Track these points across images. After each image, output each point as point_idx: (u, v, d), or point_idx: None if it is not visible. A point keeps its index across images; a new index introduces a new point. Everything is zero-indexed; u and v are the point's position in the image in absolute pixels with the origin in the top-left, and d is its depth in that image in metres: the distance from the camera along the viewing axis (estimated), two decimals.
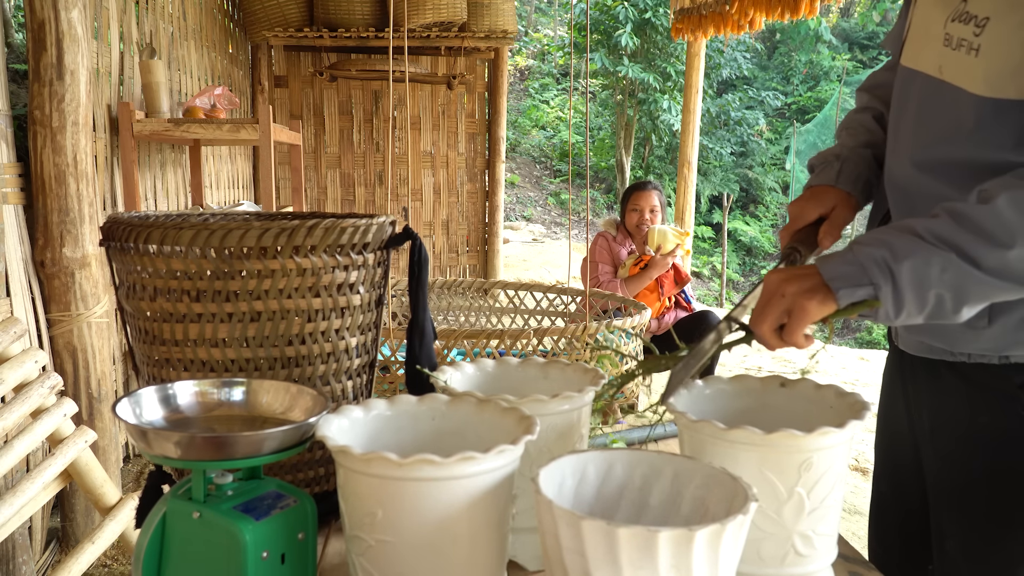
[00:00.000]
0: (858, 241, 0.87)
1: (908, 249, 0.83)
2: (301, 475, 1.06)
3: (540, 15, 18.64)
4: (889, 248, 0.84)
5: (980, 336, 0.96)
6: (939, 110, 0.97)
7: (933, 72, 0.97)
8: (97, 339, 2.34)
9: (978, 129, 0.90)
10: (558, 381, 1.05)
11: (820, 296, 0.85)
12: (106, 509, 2.07)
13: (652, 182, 3.79)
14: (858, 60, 17.44)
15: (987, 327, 0.95)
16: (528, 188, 13.51)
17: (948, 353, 1.02)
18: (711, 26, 4.70)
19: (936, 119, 0.97)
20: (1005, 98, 0.87)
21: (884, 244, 0.84)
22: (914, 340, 1.09)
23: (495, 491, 0.75)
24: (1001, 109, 0.88)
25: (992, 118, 0.89)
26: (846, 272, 0.85)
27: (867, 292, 0.84)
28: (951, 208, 0.84)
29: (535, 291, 3.58)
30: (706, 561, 0.62)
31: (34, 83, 2.17)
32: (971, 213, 0.82)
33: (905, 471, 1.19)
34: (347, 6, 4.57)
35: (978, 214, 0.81)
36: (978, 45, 0.88)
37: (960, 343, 0.99)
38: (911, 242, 0.83)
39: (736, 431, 0.81)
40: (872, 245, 0.85)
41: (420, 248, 1.08)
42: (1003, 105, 0.88)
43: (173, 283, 0.96)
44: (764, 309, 0.88)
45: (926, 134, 0.99)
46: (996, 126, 0.89)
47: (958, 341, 0.99)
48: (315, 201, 5.49)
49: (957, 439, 1.04)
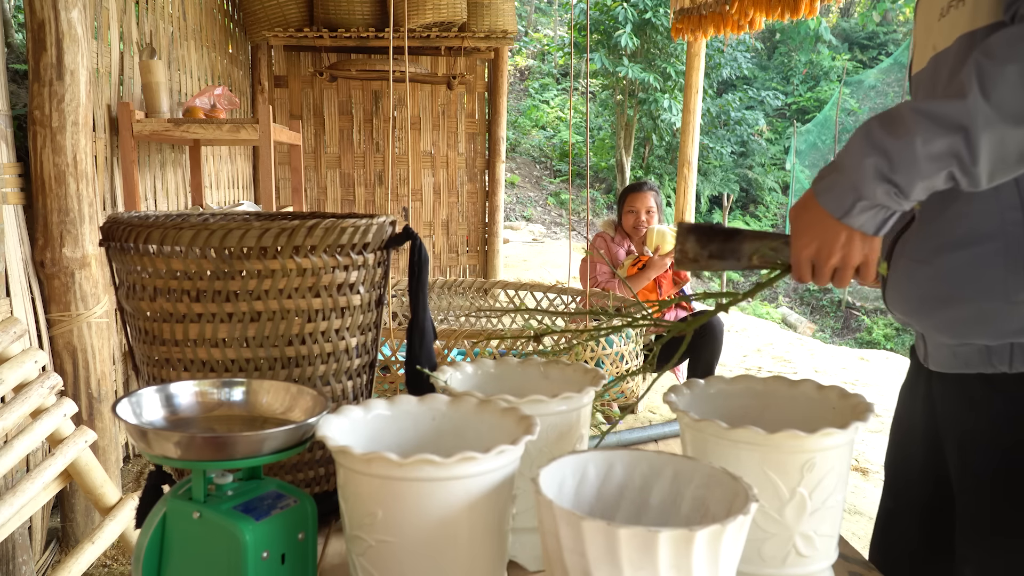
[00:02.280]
0: (837, 158, 0.90)
1: (896, 131, 0.84)
2: (301, 475, 1.06)
3: (540, 15, 18.63)
4: (873, 145, 0.85)
5: (1022, 311, 0.91)
6: (939, 81, 0.98)
7: (930, 55, 0.99)
8: (97, 339, 2.34)
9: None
10: (558, 381, 1.05)
11: (827, 223, 0.91)
12: (106, 509, 2.07)
13: (648, 182, 3.78)
14: (858, 60, 17.43)
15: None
16: (528, 188, 13.51)
17: (986, 363, 0.97)
18: (711, 26, 4.70)
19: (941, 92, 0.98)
20: (985, 25, 0.89)
21: (869, 143, 0.86)
22: (944, 356, 1.03)
23: (495, 491, 0.75)
24: (976, 39, 0.90)
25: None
26: (837, 191, 0.89)
27: (865, 205, 0.88)
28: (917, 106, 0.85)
29: (535, 291, 3.58)
30: (706, 561, 0.62)
31: (34, 83, 2.17)
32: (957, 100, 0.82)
33: (915, 489, 1.16)
34: (347, 6, 4.57)
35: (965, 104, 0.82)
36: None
37: (1005, 324, 0.93)
38: (893, 128, 0.85)
39: (739, 431, 0.81)
40: (854, 153, 0.87)
41: (420, 248, 1.07)
42: (980, 35, 0.90)
43: (173, 283, 0.96)
44: (818, 267, 0.94)
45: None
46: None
47: (1002, 324, 0.94)
48: (315, 201, 5.49)
49: (992, 460, 0.99)
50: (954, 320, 0.98)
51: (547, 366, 1.07)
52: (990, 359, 0.97)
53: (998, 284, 0.92)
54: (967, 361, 1.00)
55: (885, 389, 4.79)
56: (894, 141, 0.84)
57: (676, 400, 0.93)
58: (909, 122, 0.83)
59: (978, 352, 0.98)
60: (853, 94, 16.46)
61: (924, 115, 0.82)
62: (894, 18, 17.58)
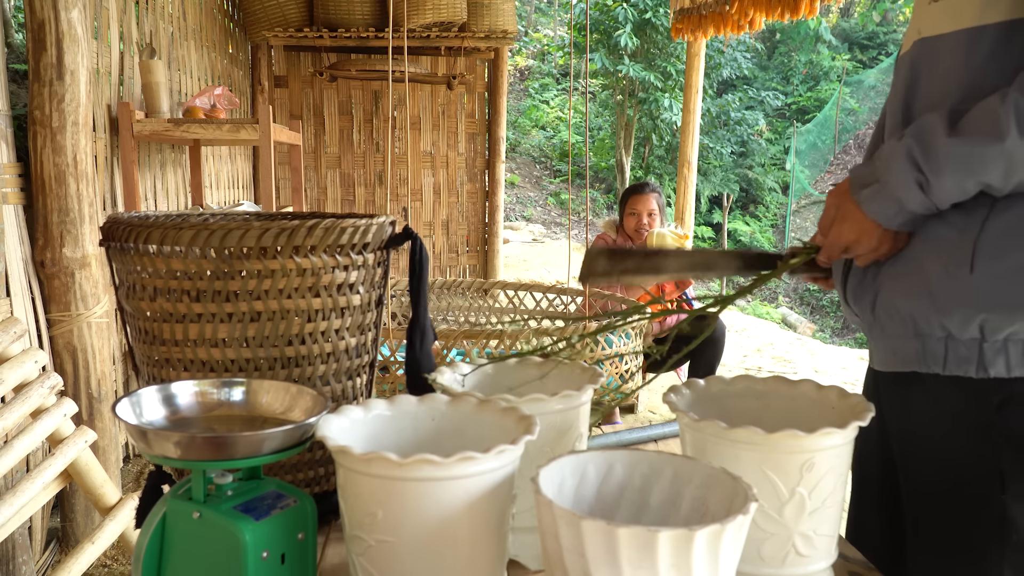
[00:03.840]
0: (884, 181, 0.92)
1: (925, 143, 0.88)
2: (301, 475, 1.06)
3: (540, 15, 18.64)
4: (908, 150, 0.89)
5: (958, 286, 0.89)
6: (920, 76, 0.98)
7: (914, 38, 1.00)
8: (97, 339, 2.34)
9: (968, 69, 0.91)
10: (555, 379, 1.05)
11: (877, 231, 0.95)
12: (106, 509, 2.07)
13: (650, 184, 3.76)
14: (858, 60, 17.44)
15: (968, 274, 0.88)
16: (528, 188, 13.51)
17: (921, 361, 0.96)
18: (711, 26, 4.70)
19: (915, 88, 0.99)
20: (995, 21, 0.88)
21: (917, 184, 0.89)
22: (884, 352, 1.03)
23: (495, 491, 0.75)
24: (985, 36, 0.89)
25: (983, 50, 0.90)
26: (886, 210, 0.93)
27: (895, 205, 0.92)
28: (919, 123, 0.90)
29: (535, 291, 3.58)
30: (706, 561, 0.62)
31: (34, 83, 2.17)
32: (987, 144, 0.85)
33: (874, 486, 1.17)
34: (347, 6, 4.57)
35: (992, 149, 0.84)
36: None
37: (938, 296, 0.91)
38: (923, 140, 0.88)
39: (738, 431, 0.81)
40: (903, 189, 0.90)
41: (420, 248, 1.07)
42: (988, 32, 0.89)
43: (173, 283, 0.96)
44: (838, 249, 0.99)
45: (904, 107, 1.00)
46: (989, 61, 0.89)
47: (935, 295, 0.92)
48: (315, 201, 5.49)
49: (933, 476, 0.99)
50: (899, 291, 0.97)
51: (544, 365, 1.07)
52: (924, 358, 0.96)
53: (943, 253, 0.92)
54: (905, 359, 0.99)
55: None
56: (931, 178, 0.88)
57: (676, 400, 0.93)
58: (942, 161, 0.87)
59: (915, 351, 0.97)
60: (853, 94, 16.46)
61: (960, 156, 0.86)
62: (894, 18, 17.59)
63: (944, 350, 0.93)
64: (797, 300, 12.58)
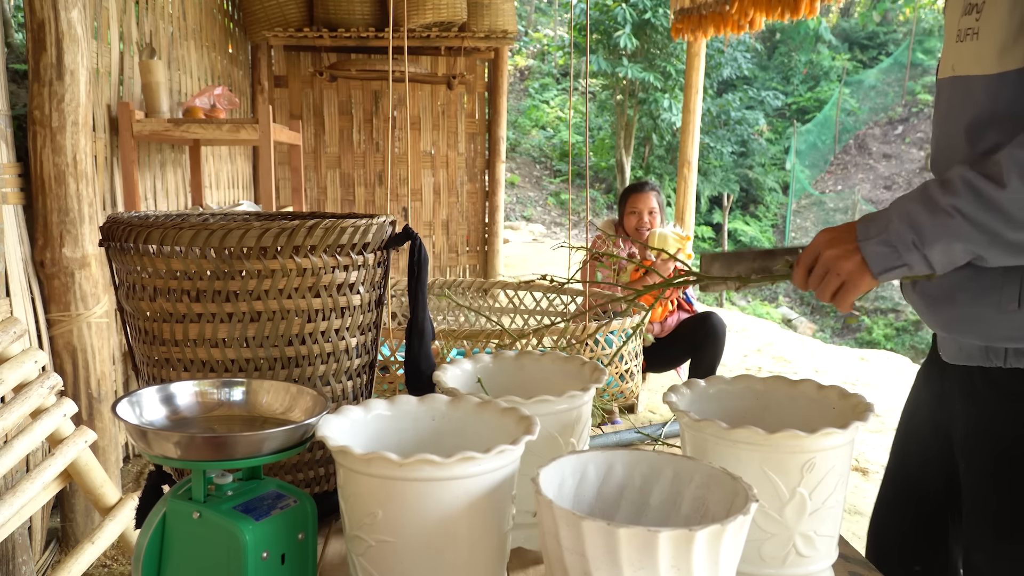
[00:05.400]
0: (889, 218, 0.93)
1: (936, 232, 0.90)
2: (301, 475, 1.06)
3: (540, 15, 18.64)
4: (917, 232, 0.91)
5: (1010, 320, 0.97)
6: (957, 107, 1.01)
7: (948, 73, 1.02)
8: (97, 339, 2.34)
9: (993, 113, 0.94)
10: (556, 375, 1.05)
11: (863, 273, 0.95)
12: (106, 509, 2.06)
13: (650, 183, 3.75)
14: (858, 60, 17.44)
15: (1017, 310, 0.97)
16: (528, 188, 13.51)
17: (984, 357, 1.03)
18: (711, 26, 4.70)
19: (956, 117, 1.01)
20: (1010, 70, 0.91)
21: (913, 227, 0.91)
22: (952, 348, 1.09)
23: (495, 491, 0.74)
24: (1006, 83, 0.92)
25: (1007, 95, 0.92)
26: (882, 253, 0.93)
27: (903, 271, 0.94)
28: (970, 183, 0.88)
29: (535, 291, 3.58)
30: (706, 561, 0.62)
31: (34, 83, 2.17)
32: (991, 195, 0.87)
33: (915, 479, 1.20)
34: (347, 6, 4.57)
35: (997, 197, 0.86)
36: (978, 29, 0.95)
37: (994, 329, 1.00)
38: (939, 223, 0.90)
39: (739, 431, 0.81)
40: (903, 224, 0.92)
41: (420, 248, 1.07)
42: (1008, 78, 0.92)
43: (173, 283, 0.96)
44: (816, 276, 0.98)
45: (945, 135, 1.04)
46: (1013, 102, 0.92)
47: (991, 329, 1.00)
48: (315, 201, 5.49)
49: (992, 455, 1.04)
50: (951, 320, 1.04)
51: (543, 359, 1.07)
52: (987, 355, 1.03)
53: (992, 293, 0.98)
54: (970, 354, 1.05)
55: (885, 389, 4.79)
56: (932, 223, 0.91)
57: (676, 400, 0.93)
58: (950, 225, 0.89)
59: (978, 348, 1.03)
60: (853, 94, 16.46)
61: (962, 220, 0.89)
62: (894, 18, 17.59)
63: (1004, 352, 1.02)
64: (797, 300, 12.58)
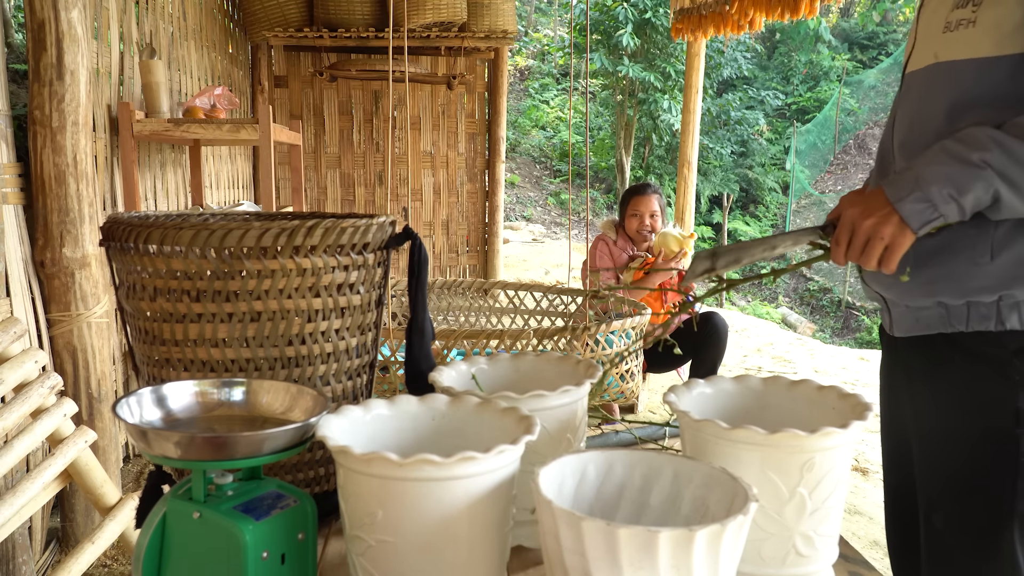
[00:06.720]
0: (918, 176, 0.98)
1: (969, 183, 0.95)
2: (301, 475, 1.06)
3: (540, 15, 18.63)
4: (954, 185, 0.95)
5: (983, 272, 1.02)
6: (939, 91, 1.05)
7: (929, 61, 1.07)
8: (97, 339, 2.34)
9: (976, 96, 0.99)
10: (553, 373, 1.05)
11: (903, 231, 0.98)
12: (106, 509, 2.06)
13: (651, 185, 3.75)
14: (858, 60, 17.43)
15: (990, 263, 1.02)
16: (528, 188, 13.51)
17: (947, 323, 1.07)
18: (711, 26, 4.69)
19: (936, 99, 1.05)
20: (1007, 54, 0.97)
21: (948, 180, 0.96)
22: (909, 320, 1.12)
23: (495, 491, 0.75)
24: (1000, 66, 0.98)
25: (996, 77, 0.98)
26: (920, 209, 0.97)
27: (939, 222, 0.98)
28: (999, 140, 0.93)
29: (535, 291, 3.58)
30: (706, 561, 0.62)
31: (34, 83, 2.17)
32: (1014, 150, 0.92)
33: (909, 461, 1.22)
34: (347, 6, 4.57)
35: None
36: (975, 19, 1.00)
37: (969, 282, 1.03)
38: (971, 174, 0.95)
39: (739, 431, 0.81)
40: (937, 182, 0.96)
41: (420, 248, 1.07)
42: (1003, 62, 0.97)
43: (173, 283, 0.96)
44: (857, 247, 1.01)
45: (922, 118, 1.08)
46: (1007, 85, 0.97)
47: (967, 282, 1.03)
48: (315, 201, 5.49)
49: (955, 417, 1.09)
50: (928, 279, 1.07)
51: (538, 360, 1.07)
52: (949, 320, 1.07)
53: (967, 249, 1.03)
54: (928, 324, 1.10)
55: None
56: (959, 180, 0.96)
57: (676, 400, 0.93)
58: (983, 176, 0.95)
59: (938, 316, 1.09)
60: (853, 94, 16.45)
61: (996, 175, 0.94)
62: (894, 18, 17.58)
63: (967, 312, 1.06)
64: (797, 300, 12.58)
